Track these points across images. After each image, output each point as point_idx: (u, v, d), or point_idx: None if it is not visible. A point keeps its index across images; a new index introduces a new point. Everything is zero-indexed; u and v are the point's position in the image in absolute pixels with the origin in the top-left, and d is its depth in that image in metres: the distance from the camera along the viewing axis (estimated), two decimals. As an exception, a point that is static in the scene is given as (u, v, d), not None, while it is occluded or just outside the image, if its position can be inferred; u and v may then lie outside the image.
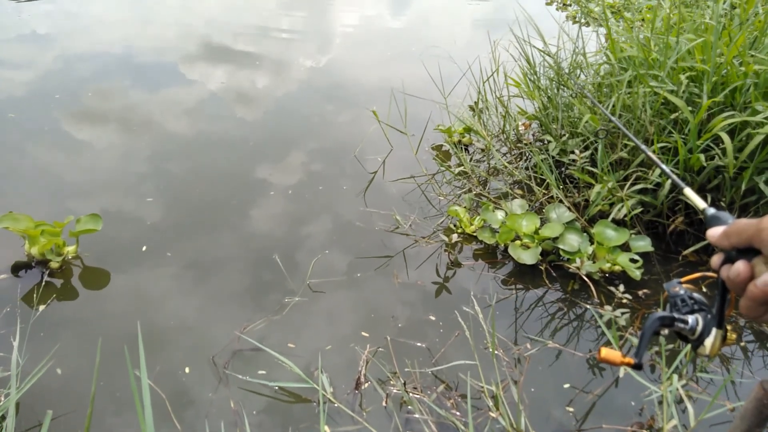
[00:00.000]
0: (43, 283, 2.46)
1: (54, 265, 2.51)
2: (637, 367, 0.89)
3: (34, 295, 2.38)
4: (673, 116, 2.82)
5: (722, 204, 2.72)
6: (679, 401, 2.03)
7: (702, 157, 2.65)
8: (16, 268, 2.53)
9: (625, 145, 2.94)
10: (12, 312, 2.30)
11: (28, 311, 2.32)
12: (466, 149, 3.70)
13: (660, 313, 0.88)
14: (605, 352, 0.89)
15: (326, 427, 1.95)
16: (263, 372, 2.13)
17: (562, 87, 3.38)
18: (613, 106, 2.98)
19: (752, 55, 2.81)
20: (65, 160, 3.43)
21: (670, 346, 2.25)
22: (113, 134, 3.77)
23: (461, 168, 3.37)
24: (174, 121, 4.00)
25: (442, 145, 3.76)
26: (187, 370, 2.12)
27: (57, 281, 2.50)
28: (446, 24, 6.79)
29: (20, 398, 1.85)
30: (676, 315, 0.88)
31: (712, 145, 2.71)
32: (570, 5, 6.37)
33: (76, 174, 3.30)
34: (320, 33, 6.18)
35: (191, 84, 4.63)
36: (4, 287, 2.44)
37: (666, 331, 0.90)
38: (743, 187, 2.60)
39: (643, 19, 4.33)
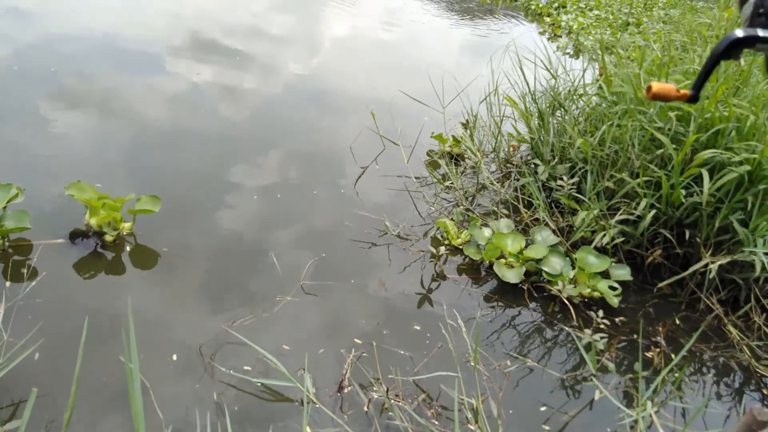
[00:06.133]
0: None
1: (108, 238, 2.58)
2: (693, 99, 0.76)
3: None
4: (659, 152, 2.94)
5: (698, 240, 2.83)
6: (650, 426, 2.10)
7: (683, 192, 2.77)
8: (74, 236, 2.60)
9: (612, 176, 3.04)
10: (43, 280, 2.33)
11: (54, 281, 2.37)
12: (456, 162, 3.75)
13: (739, 31, 0.71)
14: (657, 87, 0.75)
15: (307, 428, 1.95)
16: (248, 368, 2.12)
17: (555, 113, 3.48)
18: (603, 136, 3.09)
19: (734, 104, 2.95)
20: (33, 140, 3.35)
21: (645, 373, 2.33)
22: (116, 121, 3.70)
23: (450, 183, 3.42)
24: (156, 115, 3.95)
25: (434, 151, 3.79)
26: (174, 357, 2.11)
27: (108, 254, 2.56)
28: (436, 47, 6.81)
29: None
30: (761, 33, 0.72)
31: (692, 183, 2.82)
32: (561, 36, 6.55)
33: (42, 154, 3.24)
34: (307, 47, 6.17)
35: (194, 83, 4.58)
36: (57, 251, 2.52)
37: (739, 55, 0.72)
38: (717, 225, 2.72)
39: (629, 57, 4.49)
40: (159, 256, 2.60)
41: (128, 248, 2.62)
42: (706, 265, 2.64)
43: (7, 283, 2.30)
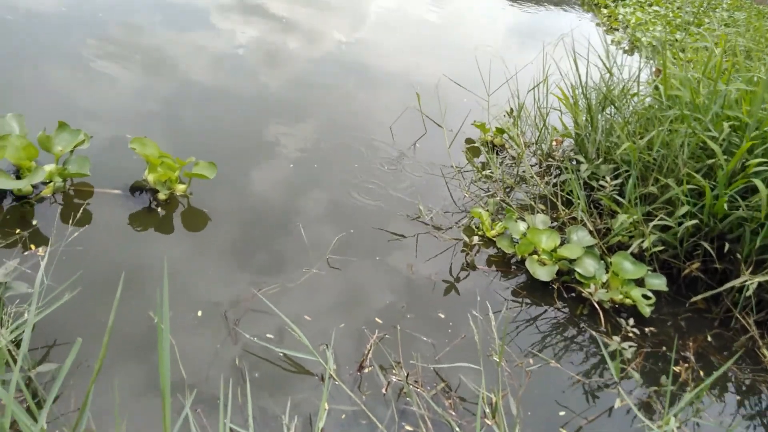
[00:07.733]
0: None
1: (161, 196, 2.64)
2: None
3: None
4: (709, 162, 2.82)
5: (738, 256, 2.73)
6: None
7: (725, 205, 2.66)
8: (133, 189, 2.69)
9: (656, 180, 2.94)
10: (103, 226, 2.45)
11: (102, 230, 2.46)
12: (496, 151, 3.67)
13: None
14: None
15: (325, 404, 1.96)
16: (270, 336, 2.14)
17: (605, 110, 3.36)
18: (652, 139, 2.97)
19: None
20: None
21: (672, 387, 2.28)
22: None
23: (489, 171, 3.36)
24: (213, 77, 3.95)
25: (474, 141, 3.72)
26: (199, 313, 2.17)
27: (160, 211, 2.63)
28: (485, 29, 6.62)
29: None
30: None
31: (736, 197, 2.70)
32: (617, 30, 6.32)
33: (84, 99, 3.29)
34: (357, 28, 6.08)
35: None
36: (112, 202, 2.62)
37: None
38: (758, 242, 2.60)
39: (689, 61, 4.30)
40: (209, 219, 2.65)
41: (179, 208, 2.66)
42: (745, 283, 2.55)
43: (56, 227, 2.37)
